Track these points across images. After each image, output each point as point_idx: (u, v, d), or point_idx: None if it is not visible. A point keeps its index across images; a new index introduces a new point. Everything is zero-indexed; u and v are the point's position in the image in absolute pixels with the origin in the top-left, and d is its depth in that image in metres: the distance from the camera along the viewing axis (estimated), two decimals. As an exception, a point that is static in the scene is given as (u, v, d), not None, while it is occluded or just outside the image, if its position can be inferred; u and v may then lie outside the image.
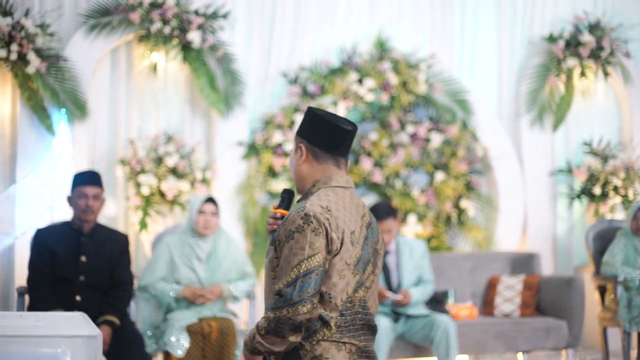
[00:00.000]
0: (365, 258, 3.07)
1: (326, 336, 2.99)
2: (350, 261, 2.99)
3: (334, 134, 3.13)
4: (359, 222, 3.08)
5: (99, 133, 7.19)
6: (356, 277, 3.01)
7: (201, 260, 5.90)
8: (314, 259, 2.92)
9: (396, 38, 7.95)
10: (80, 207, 5.65)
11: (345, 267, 2.99)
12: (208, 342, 5.61)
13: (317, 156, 3.14)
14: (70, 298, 5.57)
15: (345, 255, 2.99)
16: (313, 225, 2.94)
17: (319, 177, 3.13)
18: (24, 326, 3.15)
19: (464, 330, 6.33)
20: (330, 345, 2.99)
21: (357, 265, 3.01)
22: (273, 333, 2.92)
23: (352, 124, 3.17)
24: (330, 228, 2.96)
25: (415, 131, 7.69)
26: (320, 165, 3.14)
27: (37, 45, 6.64)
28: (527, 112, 8.10)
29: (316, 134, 3.13)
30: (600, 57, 8.09)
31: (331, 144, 3.13)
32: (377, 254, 3.17)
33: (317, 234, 2.94)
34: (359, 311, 3.04)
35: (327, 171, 3.14)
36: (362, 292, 3.04)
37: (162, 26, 7.00)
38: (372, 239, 3.13)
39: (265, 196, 7.34)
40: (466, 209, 7.81)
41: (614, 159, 7.96)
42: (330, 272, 2.97)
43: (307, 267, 2.92)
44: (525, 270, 7.18)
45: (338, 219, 2.99)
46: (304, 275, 2.91)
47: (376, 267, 3.15)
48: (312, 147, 3.14)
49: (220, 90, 7.22)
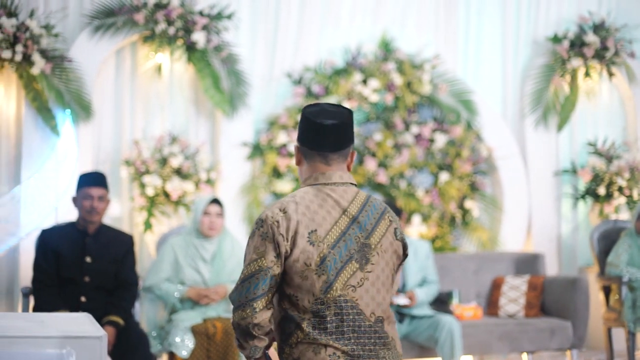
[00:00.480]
0: (342, 256, 2.96)
1: (300, 338, 2.94)
2: (310, 262, 2.92)
3: (312, 130, 3.06)
4: (329, 219, 2.99)
5: (104, 134, 7.20)
6: (322, 278, 2.93)
7: (206, 261, 5.90)
8: (257, 262, 2.92)
9: (400, 38, 7.94)
10: (85, 208, 5.65)
11: (305, 267, 2.92)
12: (213, 343, 5.61)
13: (306, 155, 3.10)
14: (75, 299, 5.58)
15: (301, 257, 2.93)
16: (262, 229, 2.94)
17: (308, 176, 3.10)
18: (29, 327, 3.16)
19: (468, 330, 6.33)
20: (308, 348, 2.93)
21: (322, 265, 2.93)
22: (239, 338, 2.98)
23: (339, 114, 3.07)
24: (277, 231, 2.93)
25: (420, 132, 7.68)
26: (309, 164, 3.09)
27: (41, 46, 6.65)
28: (531, 113, 8.10)
29: (301, 133, 3.10)
30: (605, 58, 8.08)
31: (312, 141, 3.07)
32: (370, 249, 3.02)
33: (264, 238, 2.93)
34: (339, 312, 2.93)
35: (316, 169, 3.09)
36: (337, 292, 2.93)
37: (166, 27, 7.01)
38: (358, 234, 3.00)
39: (270, 197, 7.35)
40: (470, 209, 7.81)
41: (618, 159, 7.95)
42: (291, 274, 2.94)
43: (250, 270, 2.93)
44: (529, 270, 7.18)
45: (291, 219, 2.94)
46: (246, 279, 2.92)
47: (367, 264, 3.00)
48: (302, 147, 3.10)
49: (225, 91, 7.23)
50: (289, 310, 2.97)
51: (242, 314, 2.91)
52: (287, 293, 2.96)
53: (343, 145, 3.09)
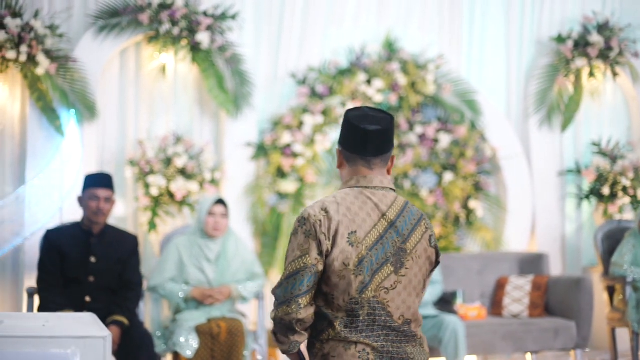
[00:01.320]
0: (378, 258, 3.03)
1: (331, 335, 3.00)
2: (348, 262, 2.98)
3: (355, 135, 3.12)
4: (368, 222, 3.05)
5: (108, 134, 7.20)
6: (359, 278, 2.99)
7: (210, 261, 5.91)
8: (302, 259, 2.96)
9: (405, 39, 7.94)
10: (91, 209, 5.67)
11: (344, 267, 2.98)
12: (217, 343, 5.62)
13: (348, 159, 3.15)
14: (80, 299, 5.59)
15: (340, 257, 2.98)
16: (305, 227, 2.99)
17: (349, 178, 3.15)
18: (34, 327, 3.17)
19: (472, 330, 6.33)
20: (338, 344, 3.00)
21: (360, 266, 2.99)
22: (277, 332, 3.03)
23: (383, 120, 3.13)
24: (320, 230, 2.98)
25: (424, 132, 7.69)
26: (351, 167, 3.15)
27: (46, 47, 6.66)
28: (535, 113, 8.09)
29: (344, 138, 3.15)
30: (609, 58, 8.07)
31: (356, 146, 3.13)
32: (405, 254, 3.09)
33: (307, 235, 2.98)
34: (372, 312, 3.01)
35: (357, 172, 3.14)
36: (371, 292, 3.00)
37: (171, 27, 7.02)
38: (395, 239, 3.07)
39: (274, 197, 7.35)
40: (475, 209, 7.81)
41: (622, 159, 7.94)
42: (329, 273, 2.99)
43: (295, 267, 2.97)
44: (533, 270, 7.18)
45: (333, 219, 3.00)
46: (291, 276, 2.97)
47: (402, 268, 3.07)
48: (344, 151, 3.16)
49: (229, 91, 7.24)
50: (322, 308, 3.03)
51: (287, 309, 2.96)
52: (324, 291, 3.02)
53: (385, 150, 3.15)
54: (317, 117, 7.41)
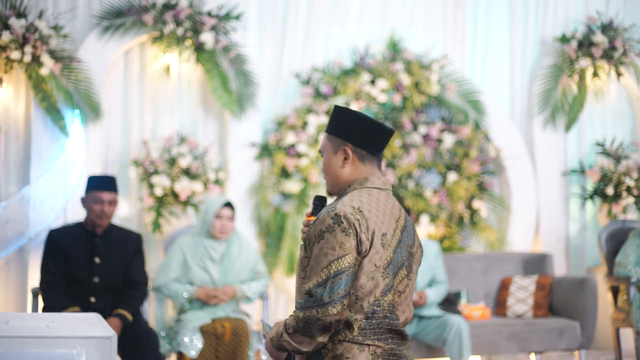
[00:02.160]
0: (398, 262, 3.05)
1: (348, 337, 2.99)
2: (379, 264, 2.97)
3: (380, 135, 3.15)
4: (392, 224, 3.07)
5: (113, 134, 7.21)
6: (385, 280, 3.00)
7: (214, 261, 5.91)
8: (344, 259, 2.91)
9: (408, 39, 7.95)
10: (95, 212, 5.68)
11: (375, 269, 2.97)
12: (221, 343, 5.62)
13: (363, 158, 3.15)
14: (85, 299, 5.60)
15: (374, 257, 2.97)
16: (343, 225, 2.94)
17: (356, 179, 3.14)
18: (39, 327, 3.17)
19: (476, 331, 6.33)
20: (352, 346, 2.99)
21: (387, 268, 2.99)
22: (301, 332, 2.94)
23: None
24: (360, 229, 2.95)
25: (428, 132, 7.69)
26: (366, 167, 3.16)
27: (50, 47, 6.66)
28: (539, 113, 8.09)
29: (363, 136, 3.14)
30: (613, 58, 8.07)
31: (378, 145, 3.16)
32: (413, 258, 3.15)
33: (347, 234, 2.93)
34: (387, 316, 3.02)
35: (371, 172, 3.15)
36: (391, 295, 3.03)
37: (175, 27, 7.02)
38: (407, 242, 3.11)
39: (278, 197, 7.35)
40: (479, 209, 7.81)
41: (626, 160, 7.94)
42: (359, 274, 2.96)
43: (338, 267, 2.91)
44: (537, 270, 7.18)
45: (369, 220, 2.98)
46: (334, 276, 2.90)
47: (411, 272, 3.12)
48: (359, 149, 3.15)
49: (233, 91, 7.24)
50: None
51: (332, 310, 2.90)
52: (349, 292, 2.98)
53: None
54: (321, 117, 7.41)
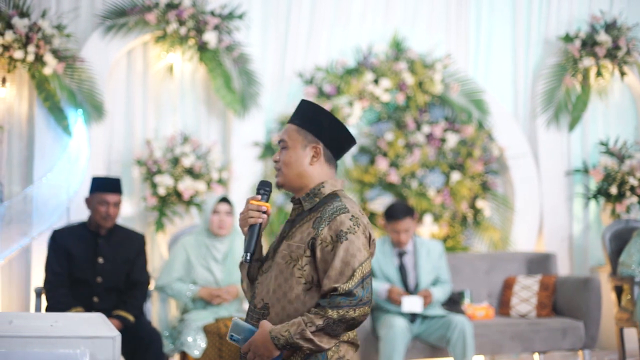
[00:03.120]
0: None
1: (350, 338, 3.04)
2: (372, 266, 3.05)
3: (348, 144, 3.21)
4: None
5: (116, 134, 7.21)
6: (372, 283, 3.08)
7: (217, 261, 5.91)
8: (369, 261, 2.99)
9: (412, 38, 7.94)
10: (100, 215, 5.67)
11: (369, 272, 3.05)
12: (225, 343, 5.62)
13: (329, 160, 3.19)
14: (88, 299, 5.60)
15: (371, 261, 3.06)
16: (361, 227, 3.00)
17: (326, 179, 3.17)
18: (43, 327, 3.17)
19: (480, 330, 6.32)
20: (350, 347, 3.04)
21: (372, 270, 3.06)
22: (328, 331, 2.93)
23: None
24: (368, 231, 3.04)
25: (431, 131, 7.68)
26: (330, 168, 3.20)
27: (54, 47, 6.67)
28: (543, 112, 8.08)
29: (334, 140, 3.17)
30: (617, 57, 8.06)
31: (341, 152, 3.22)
32: None
33: (365, 236, 3.01)
34: None
35: (331, 174, 3.20)
36: None
37: (178, 27, 7.02)
38: None
39: (281, 196, 7.35)
40: (482, 209, 7.80)
41: (630, 159, 7.92)
42: None
43: (368, 268, 2.97)
44: (541, 270, 7.17)
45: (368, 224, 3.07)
46: (368, 276, 2.96)
47: None
48: (327, 151, 3.18)
49: (236, 91, 7.24)
50: None
51: (368, 309, 2.97)
52: None
53: None
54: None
